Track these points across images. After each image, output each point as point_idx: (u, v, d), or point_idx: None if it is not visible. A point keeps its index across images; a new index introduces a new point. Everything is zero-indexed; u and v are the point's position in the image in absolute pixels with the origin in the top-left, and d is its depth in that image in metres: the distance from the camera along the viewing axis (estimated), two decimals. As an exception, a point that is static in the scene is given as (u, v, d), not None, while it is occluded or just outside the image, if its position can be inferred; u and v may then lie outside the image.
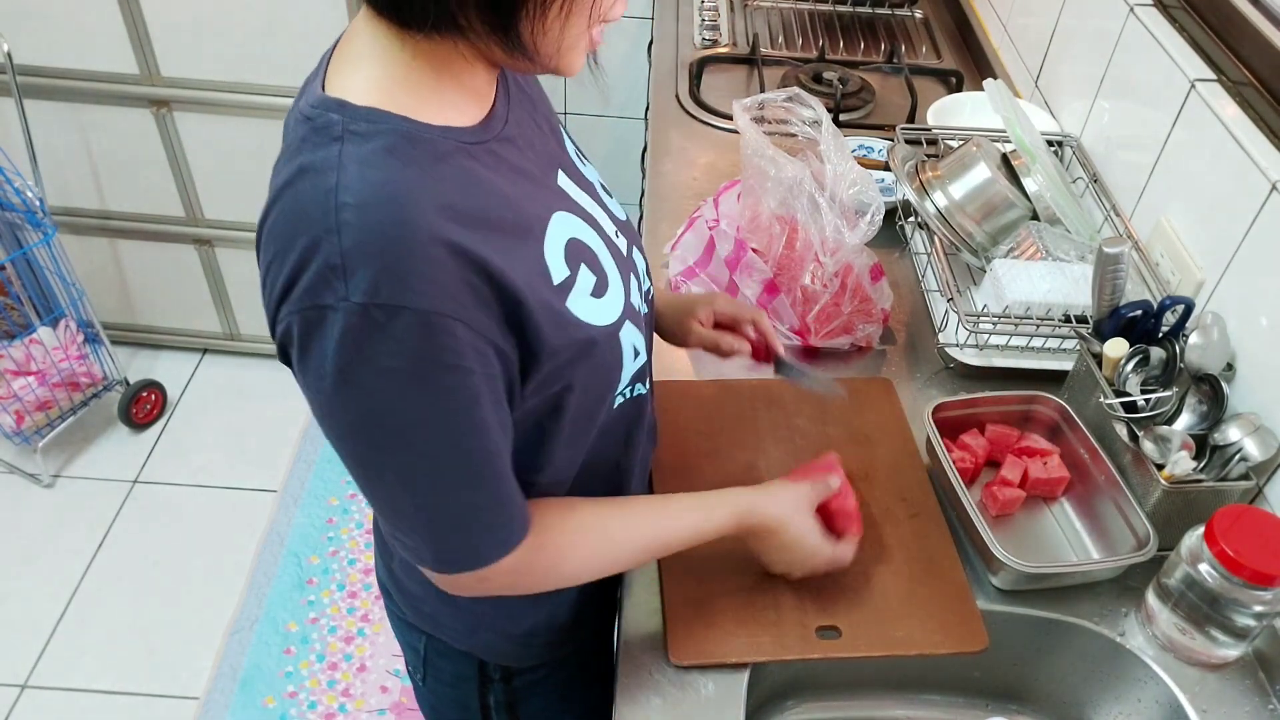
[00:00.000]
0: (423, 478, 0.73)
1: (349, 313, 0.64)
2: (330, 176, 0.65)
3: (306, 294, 0.65)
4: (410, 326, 0.65)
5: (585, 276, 0.79)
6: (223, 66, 2.12)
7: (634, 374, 0.87)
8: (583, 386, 0.81)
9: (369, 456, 0.72)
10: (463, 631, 1.00)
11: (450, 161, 0.69)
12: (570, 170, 0.86)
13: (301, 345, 0.67)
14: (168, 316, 2.62)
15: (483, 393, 0.71)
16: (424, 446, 0.71)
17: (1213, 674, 0.96)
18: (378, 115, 0.68)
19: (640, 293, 0.90)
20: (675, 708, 0.90)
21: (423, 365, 0.67)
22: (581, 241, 0.80)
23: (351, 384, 0.67)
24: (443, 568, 0.79)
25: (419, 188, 0.66)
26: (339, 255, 0.64)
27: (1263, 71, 1.11)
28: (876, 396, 1.21)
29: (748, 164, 1.25)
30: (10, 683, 2.01)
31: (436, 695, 1.10)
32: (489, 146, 0.74)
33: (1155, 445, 1.01)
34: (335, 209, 0.64)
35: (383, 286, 0.64)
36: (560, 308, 0.76)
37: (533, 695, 1.07)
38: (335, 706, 1.98)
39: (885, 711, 1.06)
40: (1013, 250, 1.30)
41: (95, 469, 2.42)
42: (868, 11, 2.12)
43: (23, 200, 2.17)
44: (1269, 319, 1.02)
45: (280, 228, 0.67)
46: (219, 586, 2.18)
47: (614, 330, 0.82)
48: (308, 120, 0.69)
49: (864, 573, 1.00)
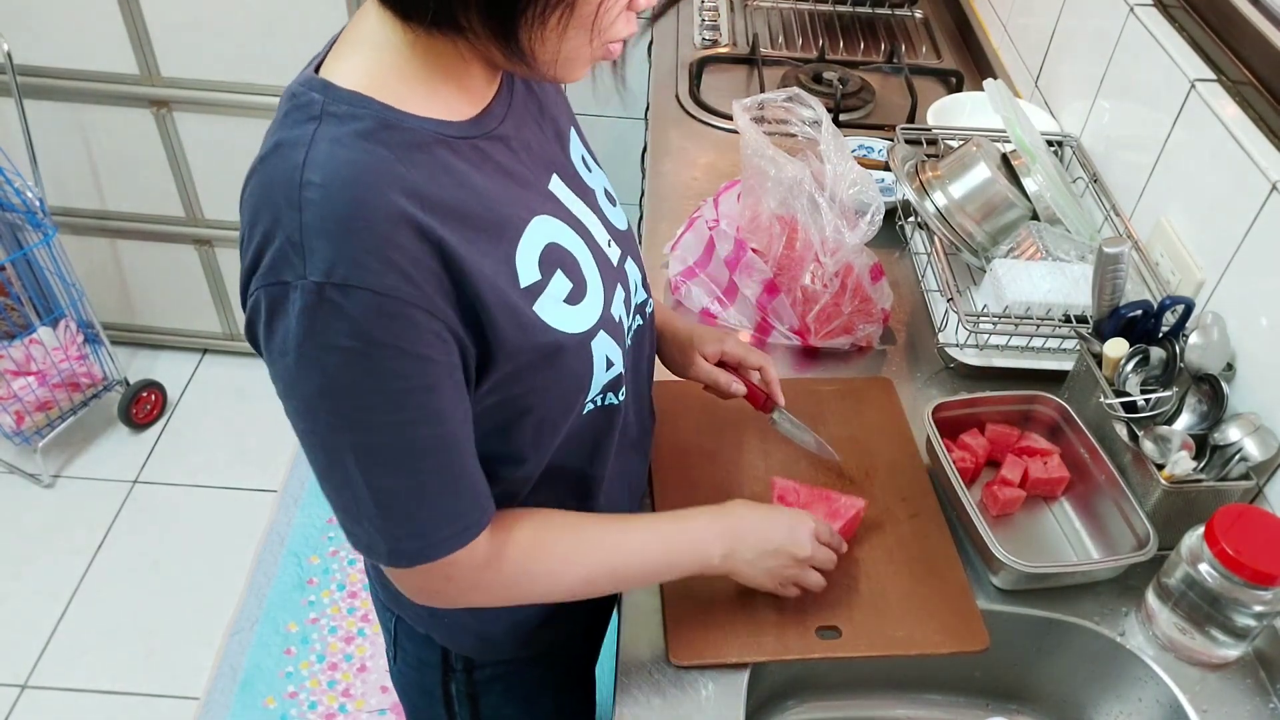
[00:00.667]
0: (377, 462, 0.72)
1: (306, 291, 0.64)
2: (300, 153, 0.66)
3: (270, 270, 0.66)
4: (366, 307, 0.65)
5: (559, 282, 0.79)
6: (223, 66, 2.12)
7: (606, 384, 0.86)
8: (546, 390, 0.80)
9: (325, 438, 0.71)
10: (424, 615, 1.00)
11: (427, 151, 0.70)
12: (568, 175, 0.85)
13: (267, 321, 0.68)
14: (168, 316, 2.62)
15: (442, 380, 0.71)
16: (379, 429, 0.70)
17: (1213, 674, 0.96)
18: (360, 100, 0.68)
19: (626, 304, 0.89)
20: (675, 708, 0.90)
21: (377, 347, 0.67)
22: (562, 247, 0.80)
23: (309, 362, 0.67)
24: (396, 560, 0.77)
25: (387, 170, 0.66)
26: (299, 232, 0.64)
27: (1263, 71, 1.11)
28: (876, 396, 1.21)
29: (748, 164, 1.25)
30: (10, 683, 2.01)
31: (405, 678, 1.10)
32: (474, 143, 0.74)
33: (1155, 445, 1.01)
34: (300, 185, 0.64)
35: (339, 266, 0.64)
36: (525, 310, 0.75)
37: (493, 690, 1.06)
38: (335, 706, 1.98)
39: (885, 711, 1.06)
40: (1013, 250, 1.30)
41: (95, 469, 2.42)
42: (868, 11, 2.12)
43: (23, 200, 2.17)
44: (1269, 319, 1.02)
45: (252, 201, 0.68)
46: (219, 586, 2.18)
47: (585, 339, 0.81)
48: (292, 97, 0.70)
49: (864, 573, 1.00)
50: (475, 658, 1.03)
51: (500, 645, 1.02)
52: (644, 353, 0.99)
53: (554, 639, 1.06)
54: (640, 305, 0.95)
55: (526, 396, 0.79)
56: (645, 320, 0.97)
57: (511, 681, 1.07)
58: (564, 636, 1.08)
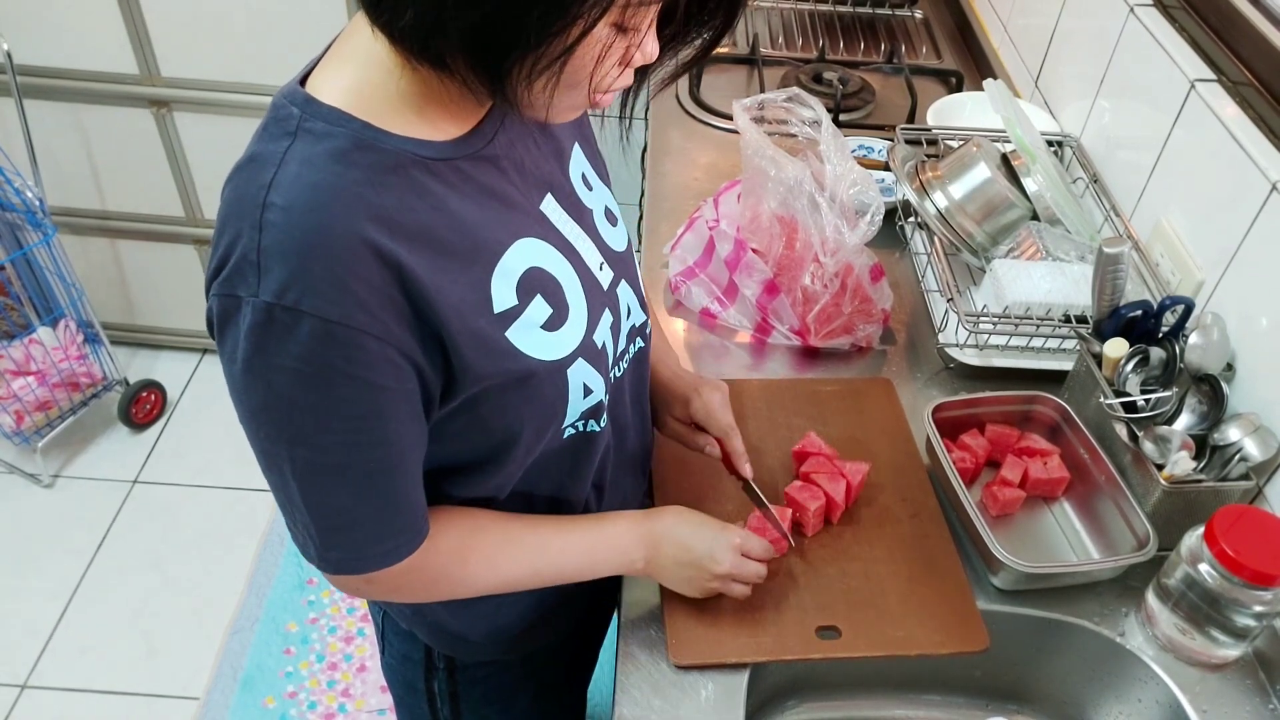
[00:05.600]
0: (315, 478, 0.73)
1: (256, 309, 0.65)
2: (268, 172, 0.66)
3: (226, 281, 0.66)
4: (313, 332, 0.65)
5: (538, 308, 0.78)
6: (223, 66, 2.12)
7: (584, 411, 0.85)
8: (516, 413, 0.80)
9: (267, 447, 0.73)
10: (408, 613, 1.01)
11: (402, 173, 0.69)
12: (563, 195, 0.84)
13: (219, 329, 0.69)
14: (168, 316, 2.62)
15: (392, 406, 0.71)
16: (318, 448, 0.71)
17: (1213, 674, 0.96)
18: (338, 116, 0.68)
19: (614, 329, 0.87)
20: (675, 708, 0.90)
21: (323, 371, 0.67)
22: (545, 271, 0.79)
23: (254, 375, 0.68)
24: (324, 566, 0.79)
25: (354, 195, 0.66)
26: (256, 252, 0.65)
27: (1263, 71, 1.11)
28: (877, 397, 1.21)
29: (748, 164, 1.25)
30: (10, 683, 2.01)
31: (392, 671, 1.12)
32: (456, 164, 0.73)
33: (1155, 445, 1.01)
34: (263, 206, 0.65)
35: (290, 289, 0.64)
36: (495, 336, 0.75)
37: (475, 690, 1.07)
38: (335, 706, 1.98)
39: (885, 711, 1.06)
40: (1013, 250, 1.30)
41: (95, 469, 2.42)
42: (868, 11, 2.12)
43: (23, 200, 2.17)
44: (1269, 319, 1.02)
45: (223, 210, 0.68)
46: (219, 586, 2.18)
47: (561, 366, 0.80)
48: (274, 108, 0.70)
49: (864, 573, 1.00)
50: (456, 657, 1.04)
51: (480, 648, 1.02)
52: (643, 374, 0.99)
53: (535, 646, 1.06)
54: (638, 328, 0.94)
55: (495, 418, 0.79)
56: (645, 341, 0.96)
57: (493, 683, 1.07)
58: (546, 643, 1.08)
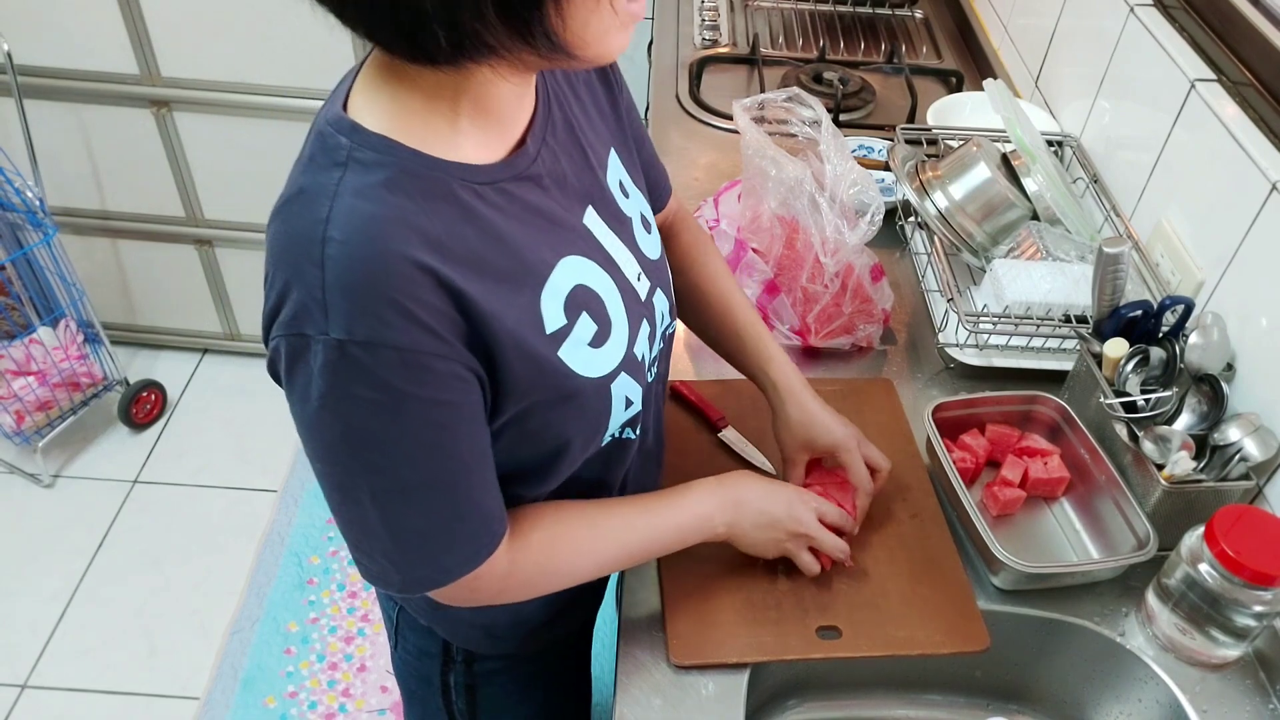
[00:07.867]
0: (395, 502, 0.73)
1: (329, 347, 0.65)
2: (324, 207, 0.65)
3: (293, 321, 0.66)
4: (387, 363, 0.66)
5: (584, 326, 0.79)
6: (223, 66, 2.12)
7: (624, 422, 0.87)
8: (562, 426, 0.81)
9: (343, 480, 0.73)
10: (426, 608, 1.01)
11: (451, 199, 0.69)
12: (604, 206, 0.84)
13: (288, 369, 0.69)
14: (168, 316, 2.62)
15: (463, 419, 0.72)
16: (398, 472, 0.72)
17: (1213, 674, 0.96)
18: (386, 145, 0.68)
19: (650, 338, 0.89)
20: (675, 708, 0.90)
21: (400, 398, 0.68)
22: (589, 288, 0.79)
23: (331, 411, 0.68)
24: (410, 588, 0.79)
25: (409, 223, 0.66)
26: (320, 289, 0.64)
27: (1263, 71, 1.11)
28: (877, 396, 1.21)
29: (748, 164, 1.25)
30: (10, 683, 2.01)
31: (406, 666, 1.11)
32: (502, 186, 0.73)
33: (1155, 445, 1.01)
34: (322, 241, 0.64)
35: (360, 324, 0.65)
36: (549, 357, 0.76)
37: (493, 683, 1.07)
38: (335, 706, 1.98)
39: (886, 711, 1.06)
40: (1013, 250, 1.30)
41: (95, 469, 2.42)
42: (868, 11, 2.12)
43: (23, 200, 2.17)
44: (1269, 319, 1.02)
45: (275, 247, 0.68)
46: (219, 586, 2.18)
47: (606, 382, 0.81)
48: (320, 137, 0.69)
49: (865, 573, 1.00)
50: (476, 651, 1.04)
51: (502, 641, 1.03)
52: (663, 372, 1.00)
53: (552, 637, 1.06)
54: (665, 333, 0.95)
55: (542, 431, 0.80)
56: (667, 344, 0.97)
57: (510, 675, 1.08)
58: (564, 633, 1.08)
